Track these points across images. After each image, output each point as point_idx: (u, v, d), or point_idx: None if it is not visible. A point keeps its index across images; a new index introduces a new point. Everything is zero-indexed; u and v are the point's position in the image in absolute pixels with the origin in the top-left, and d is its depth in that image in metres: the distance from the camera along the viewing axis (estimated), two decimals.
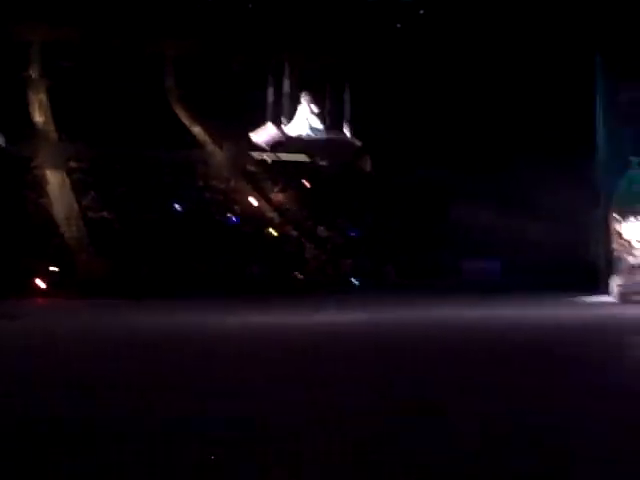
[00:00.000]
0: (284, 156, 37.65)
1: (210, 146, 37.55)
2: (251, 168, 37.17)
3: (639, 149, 26.35)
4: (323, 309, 18.89)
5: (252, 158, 37.69)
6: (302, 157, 38.90)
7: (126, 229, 30.19)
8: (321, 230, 33.25)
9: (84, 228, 30.45)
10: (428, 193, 34.23)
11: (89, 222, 30.86)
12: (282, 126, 16.02)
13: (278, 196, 35.80)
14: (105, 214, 31.63)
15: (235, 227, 32.30)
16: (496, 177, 31.72)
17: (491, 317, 17.40)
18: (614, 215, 25.36)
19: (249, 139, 18.44)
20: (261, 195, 35.77)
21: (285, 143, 16.20)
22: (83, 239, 29.91)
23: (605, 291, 25.05)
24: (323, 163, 39.60)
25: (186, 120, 38.20)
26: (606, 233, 26.89)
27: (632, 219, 24.67)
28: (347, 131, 16.56)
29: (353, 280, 29.37)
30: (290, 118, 16.13)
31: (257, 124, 17.18)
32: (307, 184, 36.54)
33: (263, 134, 16.33)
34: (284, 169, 37.10)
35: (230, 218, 33.06)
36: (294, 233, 32.95)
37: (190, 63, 38.95)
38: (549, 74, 30.35)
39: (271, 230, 32.94)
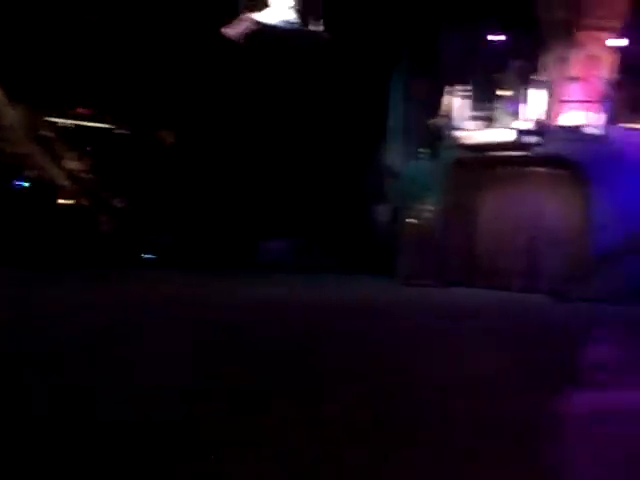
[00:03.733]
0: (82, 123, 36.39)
1: (1, 107, 35.54)
2: (46, 133, 35.57)
3: (432, 140, 27.54)
4: None
5: (47, 122, 36.09)
6: (101, 124, 37.67)
7: None
8: (115, 201, 32.46)
9: None
10: (230, 170, 34.12)
11: None
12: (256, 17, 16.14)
13: (72, 163, 34.50)
14: None
15: (26, 194, 30.88)
16: (291, 160, 32.12)
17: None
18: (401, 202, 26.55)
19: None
20: (55, 161, 34.35)
21: (261, 31, 16.13)
22: None
23: (391, 272, 26.24)
24: (124, 131, 38.39)
25: None
26: (392, 217, 28.12)
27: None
28: (319, 26, 16.88)
29: (145, 255, 28.98)
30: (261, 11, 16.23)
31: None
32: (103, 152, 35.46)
33: (238, 25, 16.21)
34: (80, 136, 35.87)
35: (19, 184, 31.59)
36: (86, 203, 31.97)
37: None
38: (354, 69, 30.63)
39: (62, 200, 31.81)
